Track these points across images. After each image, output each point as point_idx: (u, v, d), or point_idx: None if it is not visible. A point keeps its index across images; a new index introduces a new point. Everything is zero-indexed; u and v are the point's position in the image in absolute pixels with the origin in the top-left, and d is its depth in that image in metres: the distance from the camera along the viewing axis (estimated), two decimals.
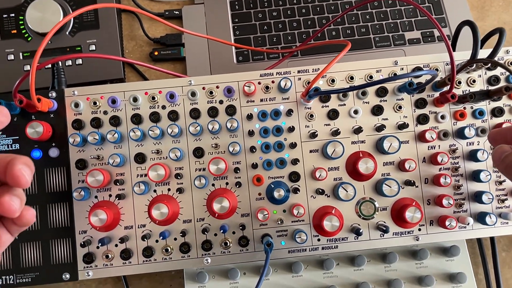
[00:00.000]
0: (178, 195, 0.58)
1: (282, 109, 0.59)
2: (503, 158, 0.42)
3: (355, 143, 0.59)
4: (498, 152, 0.42)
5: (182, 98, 0.59)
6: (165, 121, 0.58)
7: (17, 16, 0.76)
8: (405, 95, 0.59)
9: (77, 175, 0.58)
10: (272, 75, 0.59)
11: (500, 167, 0.43)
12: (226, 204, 0.55)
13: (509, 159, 0.41)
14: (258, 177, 0.58)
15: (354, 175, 0.58)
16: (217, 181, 0.58)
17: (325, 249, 0.58)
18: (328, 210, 0.57)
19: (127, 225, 0.57)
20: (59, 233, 0.57)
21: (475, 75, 0.59)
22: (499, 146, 0.43)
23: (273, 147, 0.59)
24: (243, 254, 0.58)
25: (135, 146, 0.58)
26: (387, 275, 0.65)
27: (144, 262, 0.57)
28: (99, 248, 0.57)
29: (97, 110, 0.58)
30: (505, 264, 0.70)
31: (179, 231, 0.57)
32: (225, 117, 0.58)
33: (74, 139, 0.56)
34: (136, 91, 0.58)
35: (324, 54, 0.77)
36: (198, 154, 0.58)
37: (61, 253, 0.57)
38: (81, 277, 0.57)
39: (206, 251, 0.58)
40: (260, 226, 0.58)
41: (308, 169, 0.59)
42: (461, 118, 0.59)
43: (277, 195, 0.56)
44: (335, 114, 0.59)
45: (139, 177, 0.58)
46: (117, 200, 0.57)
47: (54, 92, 0.58)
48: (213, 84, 0.59)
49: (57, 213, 0.57)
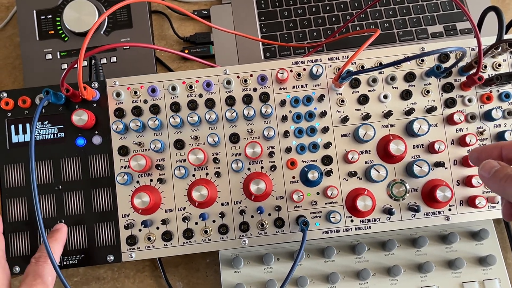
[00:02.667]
0: (216, 179, 0.60)
1: (314, 95, 0.61)
2: (493, 173, 0.40)
3: (385, 127, 0.61)
4: (487, 167, 0.40)
5: (218, 86, 0.62)
6: (202, 108, 0.61)
7: (54, 17, 0.80)
8: (433, 80, 0.61)
9: (119, 161, 0.60)
10: (304, 63, 0.62)
11: (490, 183, 0.40)
12: (263, 186, 0.57)
13: (502, 173, 0.39)
14: (292, 161, 0.60)
15: (385, 157, 0.60)
16: (253, 165, 0.61)
17: (358, 229, 0.60)
18: (360, 192, 0.59)
19: (168, 208, 0.60)
20: (103, 217, 0.60)
21: (500, 59, 0.61)
22: (485, 161, 0.41)
23: (306, 131, 0.61)
24: (279, 235, 0.60)
25: (174, 132, 0.61)
26: (418, 259, 0.66)
27: (185, 243, 0.60)
28: (141, 231, 0.59)
29: (138, 99, 0.61)
30: None
31: (218, 213, 0.59)
32: (259, 103, 0.61)
33: (117, 126, 0.59)
34: (174, 80, 0.61)
35: (349, 48, 0.80)
36: (234, 140, 0.60)
37: (105, 236, 0.60)
38: (124, 259, 0.59)
39: (244, 232, 0.60)
40: (294, 208, 0.60)
41: (340, 152, 0.61)
42: (488, 101, 0.61)
43: (311, 177, 0.58)
44: (365, 99, 0.61)
45: (178, 162, 0.60)
46: (158, 184, 0.60)
47: (96, 82, 0.62)
48: (247, 73, 0.62)
49: (101, 198, 0.60)
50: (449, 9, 0.82)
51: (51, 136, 0.61)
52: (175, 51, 0.64)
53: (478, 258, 0.66)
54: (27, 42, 0.79)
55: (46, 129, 0.61)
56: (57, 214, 0.60)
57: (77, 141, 0.61)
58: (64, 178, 0.60)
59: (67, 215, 0.60)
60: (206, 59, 0.71)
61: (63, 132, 0.61)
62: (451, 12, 0.82)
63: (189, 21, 0.86)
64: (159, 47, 0.62)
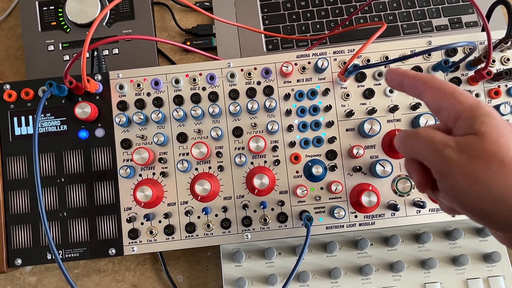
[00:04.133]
0: (218, 173, 0.60)
1: (319, 89, 0.60)
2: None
3: (390, 122, 0.60)
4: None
5: (221, 79, 0.61)
6: (205, 101, 0.60)
7: (56, 9, 0.79)
8: (440, 74, 0.60)
9: (122, 154, 0.60)
10: (308, 56, 0.61)
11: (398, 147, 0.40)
12: (266, 181, 0.57)
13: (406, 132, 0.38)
14: (296, 155, 0.60)
15: (391, 152, 0.60)
16: (256, 159, 0.60)
17: (362, 225, 0.60)
18: (365, 187, 0.59)
19: (170, 202, 0.60)
20: (105, 210, 0.60)
21: (509, 53, 0.60)
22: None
23: (310, 126, 0.60)
24: (282, 230, 0.59)
25: (177, 126, 0.60)
26: (421, 255, 0.66)
27: (187, 237, 0.59)
28: (143, 224, 0.59)
29: (141, 92, 0.61)
30: None
31: (220, 207, 0.59)
32: (263, 97, 0.60)
33: (120, 119, 0.58)
34: (177, 73, 0.61)
35: (354, 41, 0.79)
36: (237, 133, 0.60)
37: (107, 229, 0.59)
38: (126, 252, 0.59)
39: (246, 227, 0.59)
40: (298, 203, 0.60)
41: (344, 147, 0.60)
42: (496, 96, 0.60)
43: (315, 171, 0.58)
44: (371, 93, 0.60)
45: (181, 155, 0.60)
46: (160, 177, 0.59)
47: (99, 75, 0.61)
48: (251, 66, 0.61)
49: (103, 191, 0.60)
50: (454, 2, 0.81)
51: (53, 129, 0.61)
52: (177, 43, 0.63)
53: (482, 255, 0.65)
54: (29, 33, 0.78)
55: (49, 121, 0.61)
56: (59, 206, 0.60)
57: (80, 133, 0.60)
58: (66, 170, 0.60)
59: (69, 208, 0.60)
60: (208, 51, 0.70)
61: (66, 124, 0.61)
62: (456, 4, 0.81)
63: (191, 12, 0.85)
64: (161, 39, 0.61)
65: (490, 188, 0.32)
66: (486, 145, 0.32)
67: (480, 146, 0.32)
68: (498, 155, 0.32)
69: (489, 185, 0.32)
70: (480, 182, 0.32)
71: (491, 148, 0.32)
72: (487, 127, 0.32)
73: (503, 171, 0.31)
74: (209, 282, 0.70)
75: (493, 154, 0.32)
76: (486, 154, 0.32)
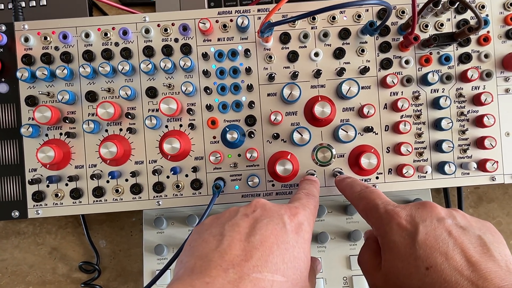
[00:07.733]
0: (130, 136, 0.56)
1: (240, 50, 0.56)
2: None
3: (314, 87, 0.57)
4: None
5: (136, 35, 0.56)
6: (117, 58, 0.56)
7: None
8: (369, 39, 0.57)
9: (27, 112, 0.56)
10: (231, 13, 0.57)
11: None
12: (177, 145, 0.53)
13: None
14: (213, 120, 0.56)
15: (312, 120, 0.56)
16: (171, 122, 0.57)
17: (279, 194, 0.57)
18: (283, 155, 0.56)
19: (78, 165, 0.56)
20: (9, 171, 0.56)
21: (444, 18, 0.56)
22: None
23: (230, 89, 0.57)
24: (195, 197, 0.57)
25: (87, 84, 0.56)
26: (349, 226, 0.64)
27: (95, 202, 0.56)
28: (49, 187, 0.56)
29: (48, 45, 0.56)
30: None
31: (129, 172, 0.56)
32: (180, 55, 0.56)
33: (22, 74, 0.54)
34: (88, 26, 0.56)
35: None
36: (151, 94, 0.56)
37: (11, 190, 0.56)
38: (30, 215, 0.56)
39: (158, 193, 0.56)
40: (214, 170, 0.57)
41: (265, 113, 0.57)
42: (426, 63, 0.56)
43: (230, 138, 0.55)
44: (295, 56, 0.56)
45: (90, 115, 0.56)
46: (67, 138, 0.56)
47: (3, 25, 0.56)
48: (168, 22, 0.56)
49: (7, 150, 0.56)
50: None
51: None
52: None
53: None
54: None
55: None
56: None
57: None
58: None
59: None
60: (147, 7, 0.66)
61: None
62: None
63: None
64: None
65: None
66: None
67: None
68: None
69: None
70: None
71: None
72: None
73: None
74: (132, 247, 0.68)
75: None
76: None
